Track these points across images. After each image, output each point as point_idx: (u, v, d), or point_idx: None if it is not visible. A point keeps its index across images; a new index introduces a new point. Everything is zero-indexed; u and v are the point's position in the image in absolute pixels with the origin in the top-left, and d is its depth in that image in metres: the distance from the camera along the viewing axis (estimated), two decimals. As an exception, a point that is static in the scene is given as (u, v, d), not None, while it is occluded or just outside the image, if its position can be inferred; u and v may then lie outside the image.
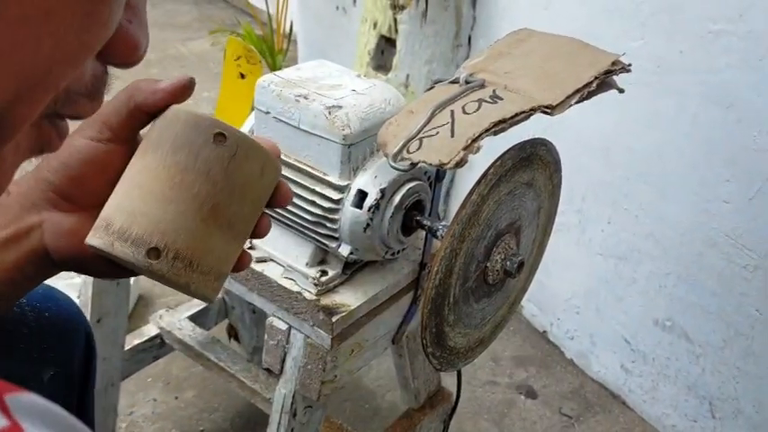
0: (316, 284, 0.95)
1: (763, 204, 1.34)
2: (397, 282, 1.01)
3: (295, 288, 0.95)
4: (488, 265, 0.84)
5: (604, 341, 1.77)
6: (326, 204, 0.90)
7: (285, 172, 0.93)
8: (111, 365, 1.35)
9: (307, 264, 0.97)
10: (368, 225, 0.89)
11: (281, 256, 0.98)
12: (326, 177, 0.90)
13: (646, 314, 1.65)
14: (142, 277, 1.00)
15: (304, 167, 0.91)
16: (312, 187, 0.90)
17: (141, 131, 0.55)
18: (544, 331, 1.94)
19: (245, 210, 0.50)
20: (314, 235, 0.94)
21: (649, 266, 1.61)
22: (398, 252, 0.98)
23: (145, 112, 0.51)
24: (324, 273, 0.96)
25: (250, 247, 1.01)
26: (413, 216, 0.93)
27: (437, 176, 0.96)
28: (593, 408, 1.75)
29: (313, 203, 0.91)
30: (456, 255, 0.78)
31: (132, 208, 0.48)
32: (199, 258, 0.48)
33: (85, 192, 0.52)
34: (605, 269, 1.72)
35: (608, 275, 1.72)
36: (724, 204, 1.41)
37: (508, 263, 0.84)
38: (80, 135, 0.52)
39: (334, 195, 0.89)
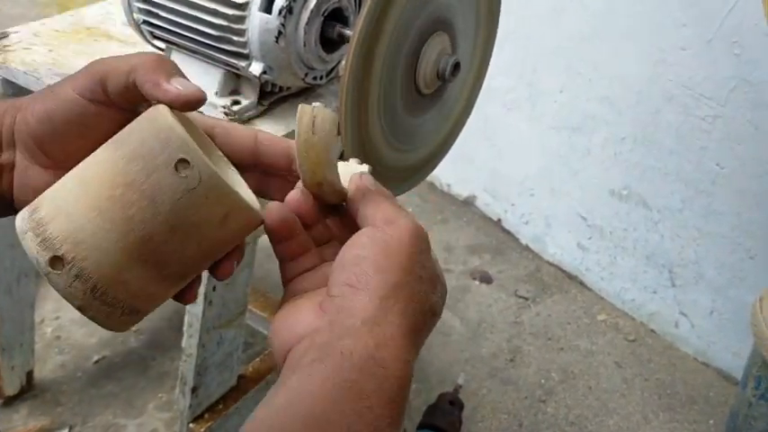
0: (227, 114, 0.83)
1: (724, 45, 1.25)
2: (323, 116, 0.90)
3: (204, 120, 0.83)
4: (418, 68, 0.73)
5: (560, 221, 1.69)
6: (230, 11, 0.77)
7: (181, -21, 0.80)
8: (23, 253, 1.22)
9: (216, 93, 0.84)
10: (280, 33, 0.77)
11: (187, 87, 0.86)
12: (228, -22, 0.77)
13: (601, 186, 1.57)
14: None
15: (202, -30, 0.78)
16: (213, -7, 0.78)
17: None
18: (498, 219, 1.85)
19: (186, 252, 0.42)
20: (220, 54, 0.81)
21: (604, 133, 1.52)
22: (322, 77, 0.86)
23: (141, 94, 0.43)
24: (236, 102, 0.84)
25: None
26: (334, 27, 0.81)
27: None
28: (550, 289, 1.68)
29: (215, 13, 0.78)
30: (376, 39, 0.66)
31: (62, 202, 0.41)
32: (105, 287, 0.41)
33: (64, 151, 0.44)
34: (559, 143, 1.63)
35: (562, 150, 1.63)
36: (681, 52, 1.31)
37: (441, 63, 0.73)
38: (71, 87, 0.43)
39: (239, -1, 0.77)
